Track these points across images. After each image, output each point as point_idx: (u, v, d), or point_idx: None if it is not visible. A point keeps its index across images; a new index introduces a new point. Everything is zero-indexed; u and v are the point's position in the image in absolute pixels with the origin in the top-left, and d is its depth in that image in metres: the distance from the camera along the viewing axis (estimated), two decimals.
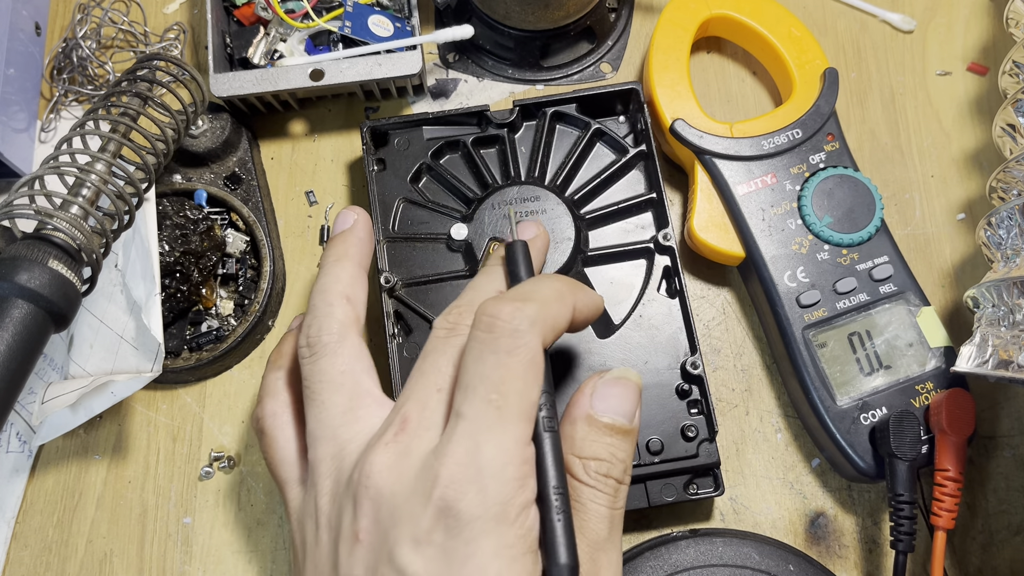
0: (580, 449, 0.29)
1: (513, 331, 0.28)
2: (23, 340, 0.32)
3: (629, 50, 0.48)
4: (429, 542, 0.26)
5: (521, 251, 0.33)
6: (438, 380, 0.30)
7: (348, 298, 0.34)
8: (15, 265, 0.32)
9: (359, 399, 0.31)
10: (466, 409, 0.27)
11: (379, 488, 0.28)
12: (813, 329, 0.39)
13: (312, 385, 0.32)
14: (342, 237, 0.36)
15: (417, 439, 0.28)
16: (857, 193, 0.41)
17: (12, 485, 0.41)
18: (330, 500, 0.30)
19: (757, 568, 0.36)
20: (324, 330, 0.32)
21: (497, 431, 0.27)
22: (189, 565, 0.40)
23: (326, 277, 0.34)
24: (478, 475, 0.26)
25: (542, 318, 0.29)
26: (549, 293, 0.30)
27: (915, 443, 0.36)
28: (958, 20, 0.48)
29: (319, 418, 0.31)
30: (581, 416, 0.30)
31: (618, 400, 0.30)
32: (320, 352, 0.32)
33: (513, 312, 0.28)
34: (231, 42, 0.46)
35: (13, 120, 0.43)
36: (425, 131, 0.43)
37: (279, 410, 0.34)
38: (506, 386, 0.27)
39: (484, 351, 0.28)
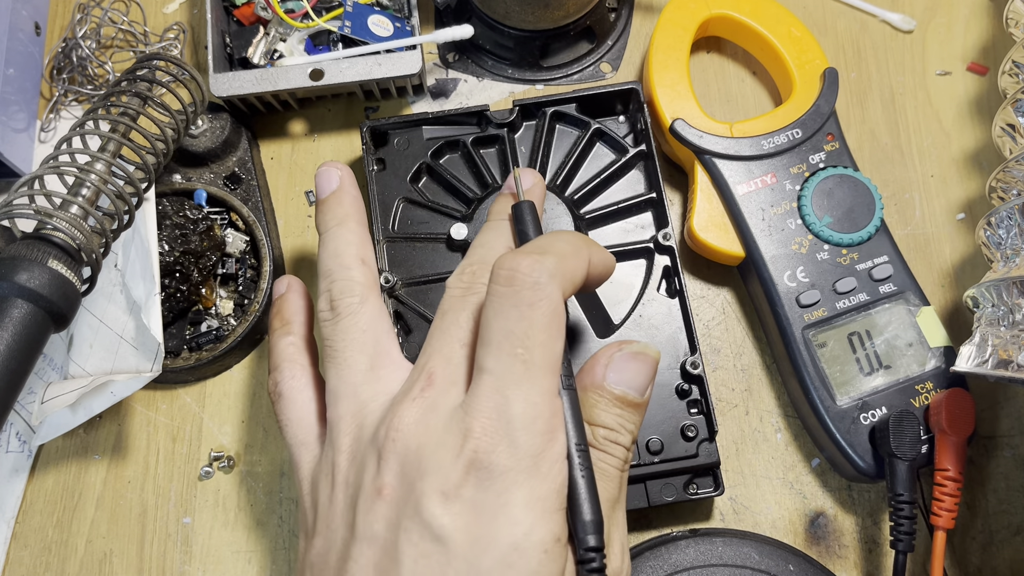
0: (589, 416, 0.30)
1: (534, 283, 0.28)
2: (23, 340, 0.32)
3: (629, 50, 0.48)
4: (458, 496, 0.26)
5: (528, 209, 0.33)
6: (460, 335, 0.30)
7: (363, 260, 0.34)
8: (15, 265, 0.32)
9: (380, 359, 0.31)
10: (491, 363, 0.27)
11: (406, 442, 0.27)
12: (813, 329, 0.39)
13: (335, 344, 0.32)
14: (336, 198, 0.36)
15: (444, 394, 0.28)
16: (857, 193, 0.41)
17: (12, 485, 0.41)
18: (348, 458, 0.29)
19: (757, 568, 0.36)
20: (346, 292, 0.33)
21: (525, 384, 0.27)
22: (189, 565, 0.40)
23: (336, 240, 0.34)
24: (508, 428, 0.26)
25: (561, 271, 0.29)
26: (565, 247, 0.30)
27: (915, 443, 0.36)
28: (958, 20, 0.48)
29: (341, 376, 0.31)
30: (593, 385, 0.30)
31: (632, 374, 0.30)
32: (343, 313, 0.32)
33: (532, 265, 0.28)
34: (231, 42, 0.46)
35: (13, 120, 0.43)
36: (425, 131, 0.43)
37: (297, 373, 0.34)
38: (531, 339, 0.27)
39: (505, 305, 0.28)
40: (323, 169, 0.37)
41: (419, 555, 0.26)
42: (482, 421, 0.27)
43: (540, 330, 0.28)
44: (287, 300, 0.37)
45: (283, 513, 0.41)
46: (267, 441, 0.42)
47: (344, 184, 0.36)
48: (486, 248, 0.33)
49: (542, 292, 0.28)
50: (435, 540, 0.26)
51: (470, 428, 0.27)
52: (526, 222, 0.33)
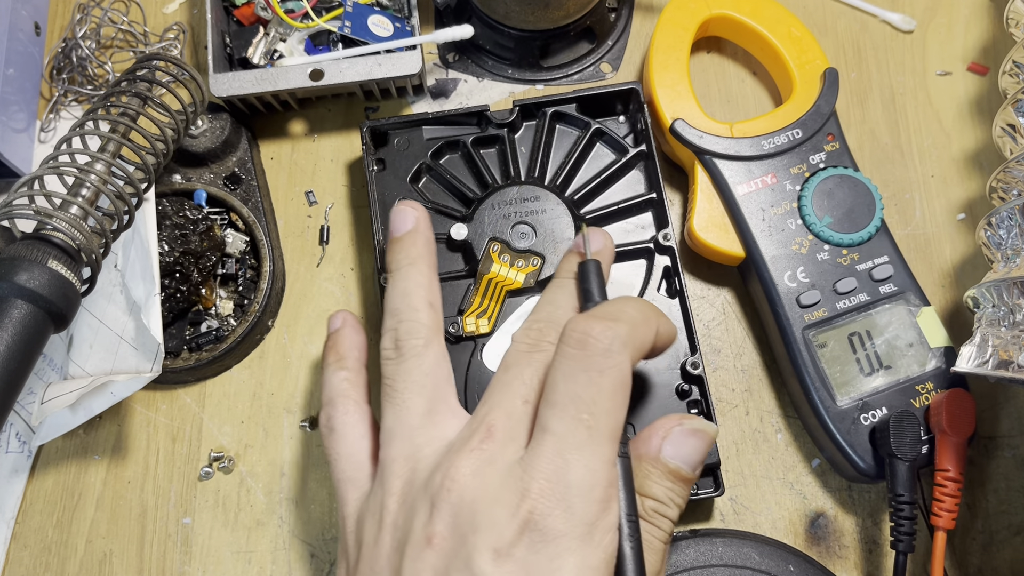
0: (640, 486, 0.29)
1: (605, 350, 0.28)
2: (23, 340, 0.32)
3: (629, 50, 0.48)
4: (510, 555, 0.26)
5: (594, 269, 0.34)
6: (523, 391, 0.30)
7: (431, 304, 0.34)
8: (14, 265, 0.32)
9: (438, 404, 0.31)
10: (556, 425, 0.27)
11: (462, 493, 0.27)
12: (813, 329, 0.39)
13: (395, 384, 0.32)
14: (411, 238, 0.36)
15: (503, 449, 0.28)
16: (857, 193, 0.41)
17: (12, 485, 0.41)
18: (399, 501, 0.29)
19: (757, 568, 0.36)
20: (412, 334, 0.32)
21: (586, 450, 0.27)
22: (189, 565, 0.40)
23: (406, 281, 0.34)
24: (566, 493, 0.26)
25: (632, 339, 0.29)
26: (636, 314, 0.30)
27: (915, 443, 0.36)
28: (958, 20, 0.48)
29: (398, 417, 0.31)
30: (648, 456, 0.30)
31: (689, 450, 0.30)
32: (407, 354, 0.32)
33: (604, 331, 0.28)
34: (231, 42, 0.46)
35: (13, 120, 0.43)
36: (425, 131, 0.43)
37: (350, 408, 0.34)
38: (597, 405, 0.28)
39: (575, 368, 0.28)
40: (400, 208, 0.36)
41: None
42: (540, 482, 0.27)
43: (607, 397, 0.28)
44: (342, 335, 0.37)
45: (283, 513, 0.41)
46: (267, 441, 0.42)
47: (419, 225, 0.36)
48: (553, 306, 0.33)
49: (613, 360, 0.28)
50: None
51: (528, 488, 0.27)
52: (591, 281, 0.33)
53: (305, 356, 0.43)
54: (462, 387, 0.39)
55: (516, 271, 0.40)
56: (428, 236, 0.36)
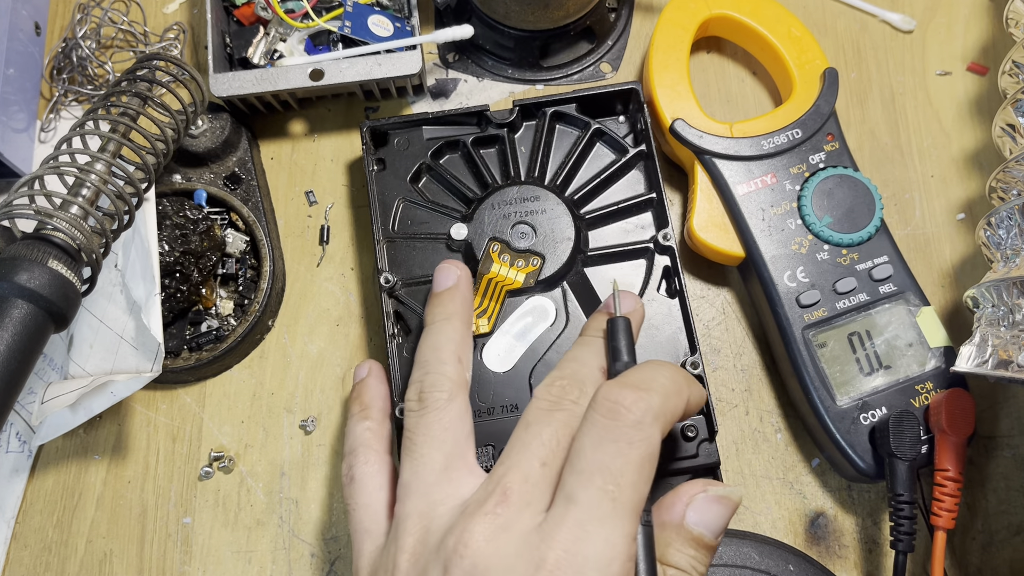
0: (662, 554, 0.29)
1: (637, 422, 0.28)
2: (23, 340, 0.32)
3: (629, 50, 0.48)
4: None
5: (623, 328, 0.33)
6: (542, 453, 0.29)
7: (460, 359, 0.34)
8: (15, 265, 0.32)
9: (455, 460, 0.31)
10: (580, 495, 0.27)
11: (475, 560, 0.27)
12: (813, 329, 0.39)
13: (414, 438, 0.32)
14: (450, 295, 0.36)
15: (518, 514, 0.28)
16: (857, 193, 0.41)
17: (12, 485, 0.41)
18: (411, 559, 0.29)
19: (757, 568, 0.36)
20: (436, 387, 0.33)
21: (608, 524, 0.26)
22: (189, 565, 0.40)
23: (439, 335, 0.35)
24: (583, 566, 0.26)
25: (664, 411, 0.29)
26: (668, 384, 0.29)
27: (915, 443, 0.36)
28: (958, 20, 0.48)
29: (415, 471, 0.31)
30: (672, 523, 0.29)
31: (714, 516, 0.30)
32: (430, 407, 0.32)
33: (636, 401, 0.28)
34: (231, 42, 0.46)
35: (13, 120, 0.43)
36: (425, 131, 0.43)
37: (372, 458, 0.34)
38: (624, 478, 0.27)
39: (604, 438, 0.28)
40: (444, 266, 0.37)
41: None
42: (558, 552, 0.26)
43: (635, 470, 0.27)
44: (367, 385, 0.37)
45: (283, 513, 0.41)
46: (267, 441, 0.42)
47: (460, 284, 0.37)
48: (578, 363, 0.32)
49: (643, 432, 0.28)
50: None
51: (544, 558, 0.26)
52: (619, 339, 0.33)
53: (305, 356, 0.43)
54: None
55: (516, 271, 0.40)
56: (467, 296, 0.37)
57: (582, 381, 0.31)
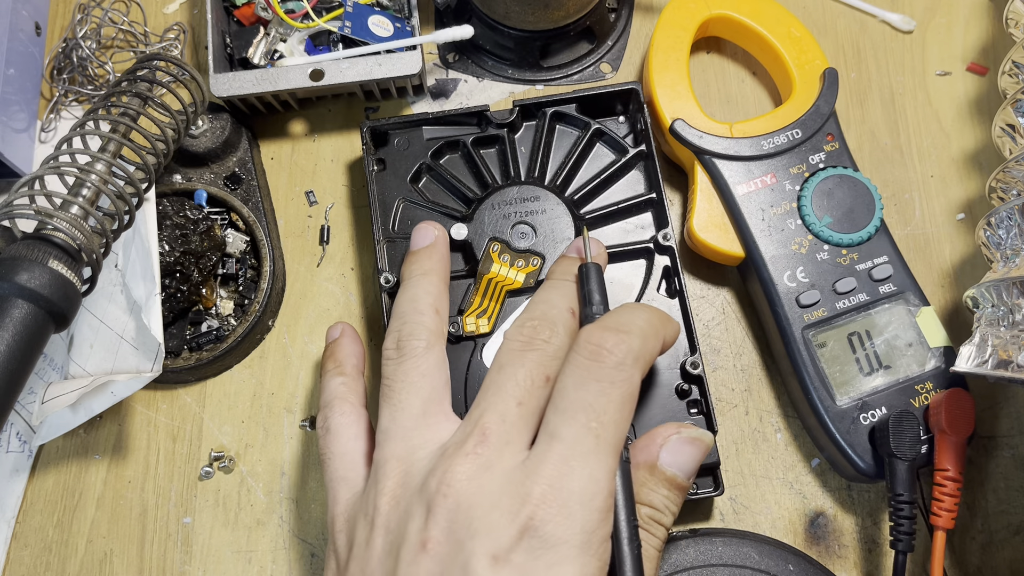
0: (636, 493, 0.30)
1: (618, 363, 0.29)
2: (23, 340, 0.32)
3: (629, 50, 0.48)
4: (508, 561, 0.26)
5: (596, 273, 0.34)
6: (517, 393, 0.30)
7: (437, 310, 0.34)
8: (15, 265, 0.32)
9: (433, 406, 0.31)
10: (564, 432, 0.28)
11: (458, 498, 0.27)
12: (813, 329, 0.39)
13: (393, 385, 0.32)
14: (427, 252, 0.37)
15: (498, 453, 0.28)
16: (857, 193, 0.41)
17: (12, 485, 0.41)
18: (392, 502, 0.29)
19: (757, 568, 0.36)
20: (415, 335, 0.33)
21: (592, 459, 0.27)
22: (189, 565, 0.40)
23: (416, 288, 0.35)
24: (567, 500, 0.26)
25: (643, 353, 0.30)
26: (646, 327, 0.31)
27: (915, 443, 0.36)
28: (958, 20, 0.48)
29: (393, 417, 0.31)
30: (647, 463, 0.30)
31: (687, 458, 0.30)
32: (408, 355, 0.32)
33: (617, 343, 0.29)
34: (231, 42, 0.46)
35: (13, 120, 0.43)
36: (425, 131, 0.43)
37: (347, 410, 0.34)
38: (607, 416, 0.28)
39: (587, 377, 0.28)
40: (422, 226, 0.38)
41: None
42: (542, 487, 0.27)
43: (616, 408, 0.28)
44: (340, 344, 0.38)
45: (283, 513, 0.41)
46: (267, 441, 0.42)
47: (438, 243, 0.37)
48: (548, 305, 0.33)
49: (624, 373, 0.29)
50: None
51: (529, 493, 0.27)
52: (592, 284, 0.33)
53: (305, 356, 0.43)
54: (462, 387, 0.39)
55: (516, 271, 0.40)
56: (444, 253, 0.37)
57: (553, 321, 0.32)
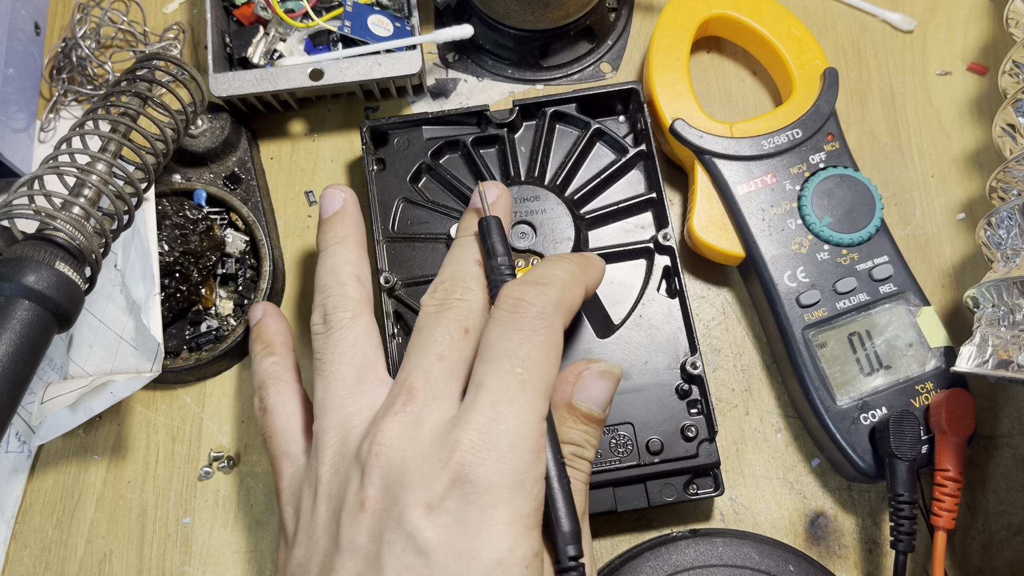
0: (558, 432, 0.30)
1: (539, 312, 0.29)
2: (29, 342, 0.32)
3: (629, 50, 0.48)
4: (442, 508, 0.26)
5: (495, 225, 0.34)
6: (436, 349, 0.30)
7: (358, 278, 0.35)
8: (22, 266, 0.32)
9: (366, 373, 0.32)
10: (490, 380, 0.28)
11: (390, 456, 0.28)
12: (813, 329, 0.39)
13: (324, 357, 0.33)
14: (339, 218, 0.37)
15: (426, 408, 0.29)
16: (857, 193, 0.41)
17: (11, 485, 0.41)
18: (331, 470, 0.30)
19: (757, 568, 0.36)
20: (339, 307, 0.34)
21: (518, 403, 0.28)
22: (189, 565, 0.40)
23: (334, 258, 0.35)
24: (496, 444, 0.27)
25: (563, 301, 0.31)
26: (566, 276, 0.32)
27: (915, 443, 0.36)
28: (958, 20, 0.48)
29: (327, 388, 0.32)
30: (562, 402, 0.31)
31: (599, 391, 0.31)
32: (335, 327, 0.33)
33: (537, 295, 0.30)
34: (231, 42, 0.46)
35: (12, 120, 0.43)
36: (425, 131, 0.43)
37: (281, 388, 0.35)
38: (531, 360, 0.29)
39: (509, 328, 0.29)
40: (328, 191, 0.38)
41: (402, 567, 0.26)
42: (471, 435, 0.27)
43: (540, 353, 0.29)
44: (264, 324, 0.38)
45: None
46: None
47: (347, 206, 0.37)
48: (456, 265, 0.34)
49: (545, 321, 0.29)
50: (418, 552, 0.26)
51: (458, 441, 0.27)
52: (493, 237, 0.34)
53: (305, 356, 0.43)
54: None
55: (516, 271, 0.40)
56: (355, 216, 0.37)
57: (462, 278, 0.33)
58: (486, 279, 0.33)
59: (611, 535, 0.40)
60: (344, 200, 0.37)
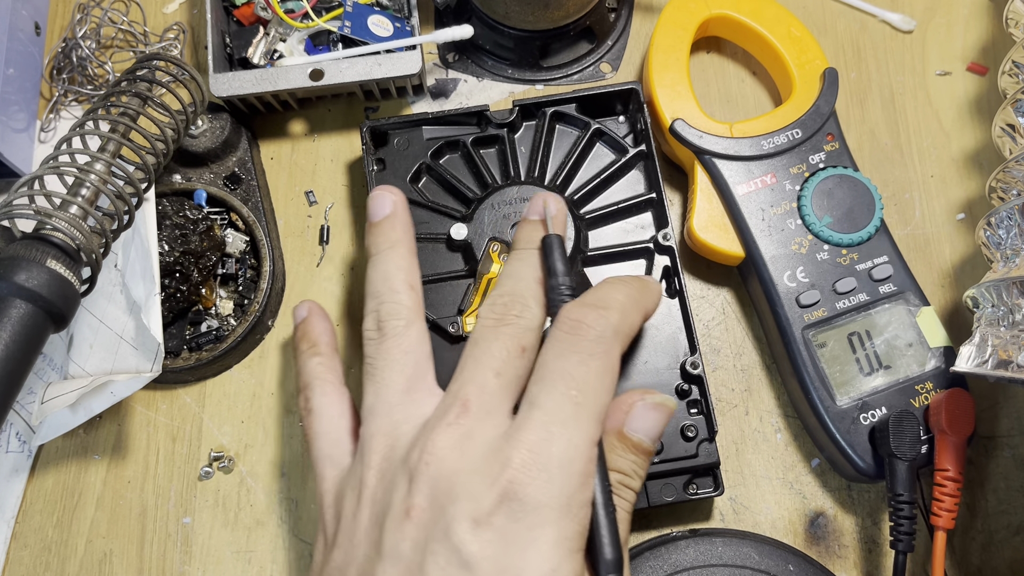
0: (607, 460, 0.30)
1: (598, 337, 0.29)
2: (22, 340, 0.32)
3: (629, 50, 0.48)
4: (489, 524, 0.26)
5: (558, 244, 0.34)
6: (493, 364, 0.30)
7: (411, 286, 0.34)
8: (14, 265, 0.32)
9: (417, 382, 0.32)
10: (544, 400, 0.28)
11: (440, 466, 0.28)
12: (813, 329, 0.39)
13: (376, 363, 0.32)
14: (390, 223, 0.36)
15: (479, 422, 0.29)
16: (857, 193, 0.41)
17: (12, 485, 0.41)
18: (377, 476, 0.30)
19: (757, 568, 0.36)
20: (394, 314, 0.33)
21: (571, 426, 0.28)
22: (189, 565, 0.40)
23: (387, 264, 0.35)
24: (547, 464, 0.27)
25: (622, 326, 0.30)
26: (626, 301, 0.31)
27: (915, 443, 0.36)
28: (958, 20, 0.48)
29: (378, 393, 0.32)
30: (612, 430, 0.31)
31: (651, 423, 0.31)
32: (389, 334, 0.33)
33: (597, 319, 0.30)
34: (231, 42, 0.46)
35: (13, 120, 0.43)
36: (425, 131, 0.43)
37: (328, 389, 0.35)
38: (587, 384, 0.28)
39: (567, 350, 0.29)
40: (377, 193, 0.37)
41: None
42: (523, 453, 0.27)
43: (596, 377, 0.29)
44: (310, 323, 0.37)
45: (283, 513, 0.41)
46: (267, 441, 0.42)
47: (397, 210, 0.37)
48: (516, 279, 0.33)
49: (604, 346, 0.29)
50: (462, 565, 0.26)
51: (510, 458, 0.27)
52: (555, 255, 0.33)
53: None
54: None
55: None
56: (406, 220, 0.37)
57: (522, 295, 0.32)
58: (545, 297, 0.33)
59: None
60: (395, 203, 0.36)
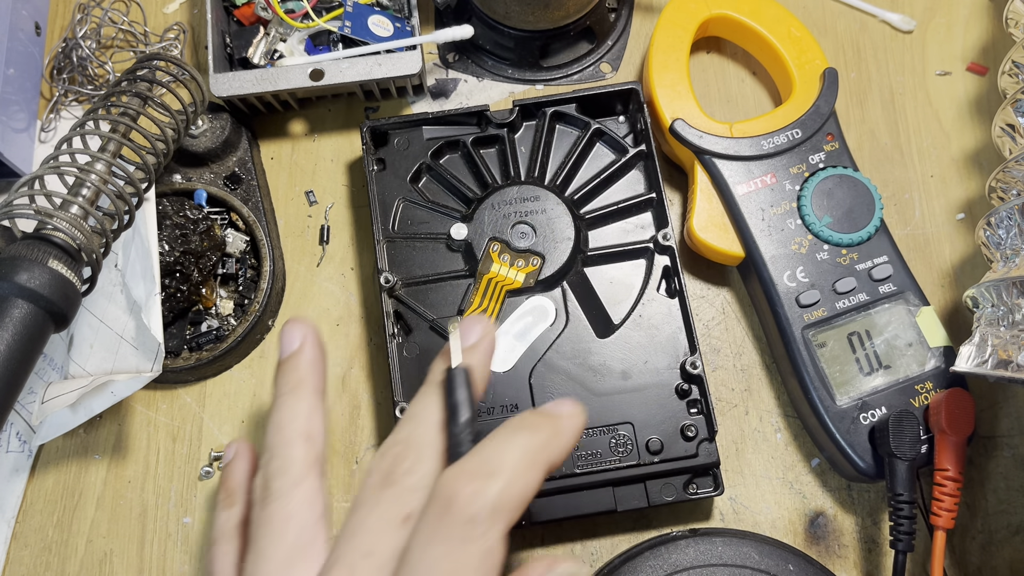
0: None
1: (470, 519, 0.25)
2: (23, 340, 0.32)
3: (629, 50, 0.48)
4: None
5: (462, 381, 0.29)
6: (366, 542, 0.26)
7: (307, 436, 0.30)
8: (15, 265, 0.32)
9: (300, 552, 0.28)
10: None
11: None
12: (813, 329, 0.39)
13: (256, 532, 0.29)
14: (293, 363, 0.32)
15: None
16: (857, 193, 0.41)
17: (12, 485, 0.41)
18: None
19: (757, 568, 0.36)
20: (280, 472, 0.29)
21: None
22: (189, 565, 0.40)
23: (282, 412, 0.31)
24: None
25: (506, 499, 0.25)
26: (520, 462, 0.26)
27: (915, 443, 0.36)
28: (958, 20, 0.48)
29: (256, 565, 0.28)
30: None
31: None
32: (272, 496, 0.29)
33: (473, 495, 0.25)
34: (231, 42, 0.46)
35: (13, 120, 0.43)
36: (425, 131, 0.43)
37: (228, 550, 0.31)
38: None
39: (433, 537, 0.25)
40: (286, 327, 0.33)
41: None
42: None
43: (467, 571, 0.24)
44: (232, 470, 0.34)
45: None
46: None
47: (305, 347, 0.32)
48: (414, 423, 0.29)
49: (478, 530, 0.25)
50: None
51: None
52: (457, 395, 0.28)
53: None
54: None
55: (516, 271, 0.40)
56: (311, 356, 0.32)
57: (418, 445, 0.28)
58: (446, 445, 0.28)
59: (611, 535, 0.40)
60: (304, 336, 0.32)
